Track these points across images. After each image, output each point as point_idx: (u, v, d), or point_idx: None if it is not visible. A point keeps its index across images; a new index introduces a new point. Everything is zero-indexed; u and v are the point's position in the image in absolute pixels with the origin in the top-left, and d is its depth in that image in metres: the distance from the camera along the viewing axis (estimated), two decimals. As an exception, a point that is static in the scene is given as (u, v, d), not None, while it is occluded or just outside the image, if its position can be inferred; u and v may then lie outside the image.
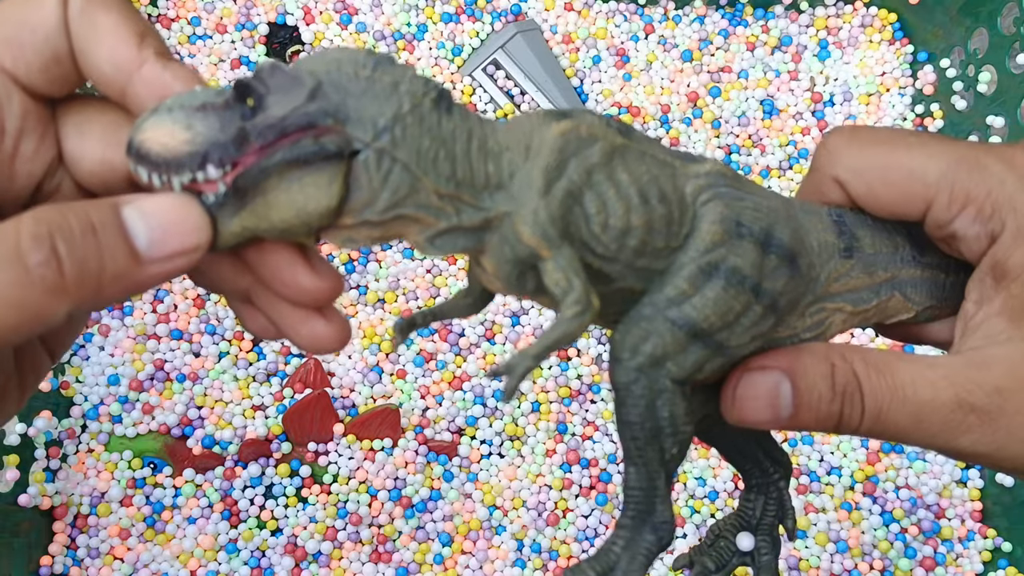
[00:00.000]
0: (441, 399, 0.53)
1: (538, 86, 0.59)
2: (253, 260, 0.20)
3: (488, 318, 0.54)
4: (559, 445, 0.52)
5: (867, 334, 0.55)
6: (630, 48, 0.62)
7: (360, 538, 0.50)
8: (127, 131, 0.18)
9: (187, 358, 0.52)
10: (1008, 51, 0.53)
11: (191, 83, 0.19)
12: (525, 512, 0.51)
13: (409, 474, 0.51)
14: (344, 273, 0.54)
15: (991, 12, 0.55)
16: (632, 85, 0.61)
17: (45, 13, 0.19)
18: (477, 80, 0.59)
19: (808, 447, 0.53)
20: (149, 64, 0.19)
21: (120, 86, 0.19)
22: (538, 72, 0.59)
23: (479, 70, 0.59)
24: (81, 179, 0.20)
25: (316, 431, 0.51)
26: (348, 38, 0.60)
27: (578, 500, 0.51)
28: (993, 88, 0.55)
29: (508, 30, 0.59)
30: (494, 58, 0.59)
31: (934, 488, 0.52)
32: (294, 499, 0.50)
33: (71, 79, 0.20)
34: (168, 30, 0.60)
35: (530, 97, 0.59)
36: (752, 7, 0.63)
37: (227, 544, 0.49)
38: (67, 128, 0.20)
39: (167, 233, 0.18)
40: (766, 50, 0.62)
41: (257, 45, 0.60)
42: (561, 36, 0.61)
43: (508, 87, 0.59)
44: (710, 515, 0.52)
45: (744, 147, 0.60)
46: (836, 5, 0.63)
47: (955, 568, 0.51)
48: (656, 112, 0.60)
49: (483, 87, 0.59)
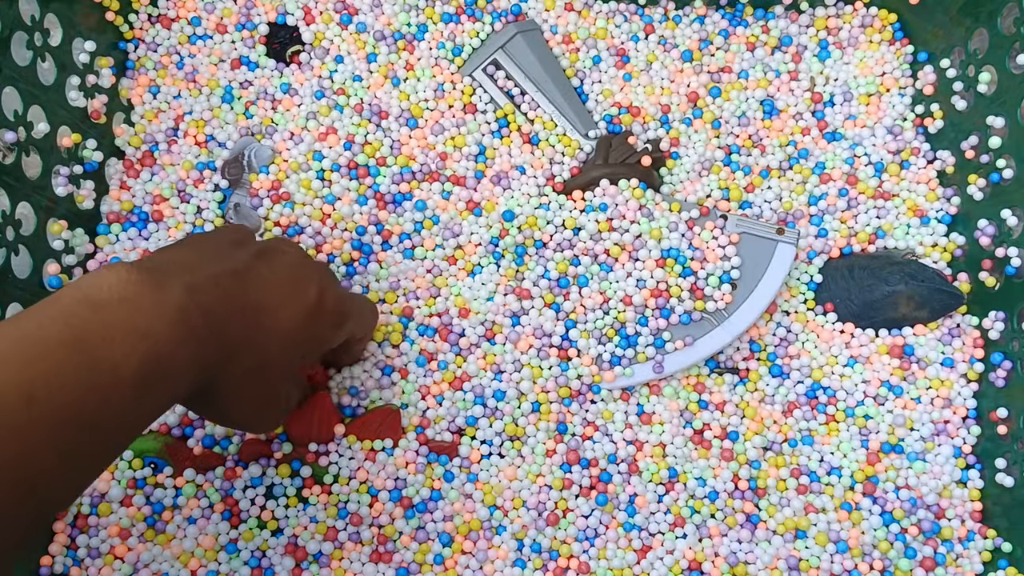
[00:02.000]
0: (441, 399, 0.53)
1: (538, 86, 0.59)
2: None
3: (488, 318, 0.54)
4: (559, 445, 0.52)
5: (867, 334, 0.55)
6: (630, 48, 0.62)
7: (360, 538, 0.50)
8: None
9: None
10: (1008, 51, 0.53)
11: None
12: (525, 512, 0.51)
13: (409, 474, 0.51)
14: (346, 274, 0.54)
15: (991, 12, 0.55)
16: (632, 85, 0.61)
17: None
18: (477, 80, 0.59)
19: (808, 447, 0.53)
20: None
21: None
22: (538, 72, 0.59)
23: (479, 70, 0.59)
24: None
25: (317, 431, 0.51)
26: (348, 38, 0.60)
27: (578, 500, 0.51)
28: (993, 88, 0.55)
29: (508, 30, 0.59)
30: (494, 58, 0.59)
31: (934, 488, 0.52)
32: (295, 499, 0.50)
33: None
34: (168, 30, 0.60)
35: (530, 97, 0.59)
36: (752, 7, 0.63)
37: (227, 544, 0.49)
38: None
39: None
40: (766, 50, 0.62)
41: (257, 45, 0.60)
42: (561, 36, 0.61)
43: (508, 87, 0.59)
44: (710, 515, 0.52)
45: (744, 147, 0.60)
46: (836, 5, 0.63)
47: (955, 568, 0.51)
48: (656, 112, 0.60)
49: (483, 87, 0.59)
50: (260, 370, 0.39)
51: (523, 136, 0.58)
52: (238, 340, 0.38)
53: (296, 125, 0.58)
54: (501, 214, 0.55)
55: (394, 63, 0.59)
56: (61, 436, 0.30)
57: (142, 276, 0.34)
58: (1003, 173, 0.54)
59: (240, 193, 0.55)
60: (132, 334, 0.32)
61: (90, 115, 0.55)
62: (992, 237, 0.54)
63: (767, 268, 0.53)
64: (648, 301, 0.53)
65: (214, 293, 0.36)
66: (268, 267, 0.40)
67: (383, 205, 0.56)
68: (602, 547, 0.50)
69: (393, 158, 0.57)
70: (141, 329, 0.33)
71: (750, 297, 0.53)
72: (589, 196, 0.56)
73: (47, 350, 0.30)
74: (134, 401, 0.32)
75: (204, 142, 0.57)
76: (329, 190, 0.56)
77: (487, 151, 0.58)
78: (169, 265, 0.37)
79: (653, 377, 0.52)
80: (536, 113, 0.59)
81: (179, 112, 0.58)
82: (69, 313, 0.32)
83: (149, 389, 0.33)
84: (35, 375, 0.30)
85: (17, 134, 0.48)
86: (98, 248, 0.55)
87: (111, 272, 0.34)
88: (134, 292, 0.33)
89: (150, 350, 0.32)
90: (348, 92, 0.59)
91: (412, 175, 0.57)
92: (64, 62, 0.53)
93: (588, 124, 0.58)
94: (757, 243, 0.54)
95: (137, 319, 0.33)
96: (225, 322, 0.37)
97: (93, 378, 0.31)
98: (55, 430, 0.30)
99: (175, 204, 0.56)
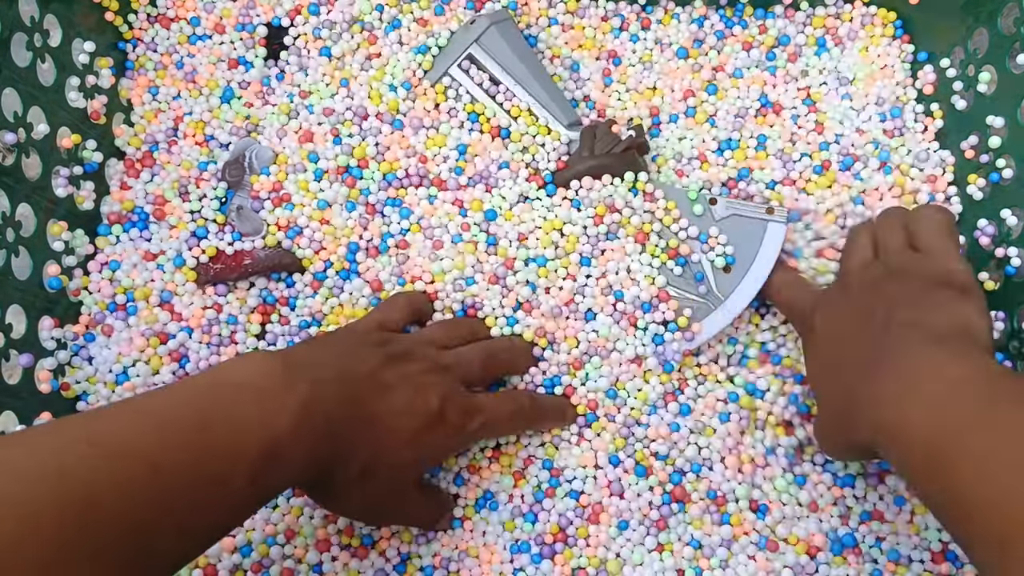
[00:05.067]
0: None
1: (516, 79, 0.56)
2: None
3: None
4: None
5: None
6: (626, 45, 0.62)
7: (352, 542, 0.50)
8: None
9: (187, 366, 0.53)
10: (1008, 51, 0.53)
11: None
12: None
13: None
14: (339, 280, 0.54)
15: (991, 12, 0.55)
16: (627, 83, 0.61)
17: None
18: (454, 78, 0.57)
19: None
20: None
21: None
22: (515, 64, 0.56)
23: (455, 67, 0.57)
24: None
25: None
26: (324, 36, 0.60)
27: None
28: (993, 88, 0.55)
29: (481, 23, 0.56)
30: (469, 53, 0.57)
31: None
32: (294, 500, 0.50)
33: None
34: (167, 30, 0.60)
35: (505, 87, 0.56)
36: (752, 7, 0.63)
37: (226, 544, 0.49)
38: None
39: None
40: (763, 49, 0.62)
41: (257, 46, 0.60)
42: (552, 32, 0.61)
43: (482, 80, 0.57)
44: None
45: (741, 144, 0.59)
46: (836, 4, 0.63)
47: (956, 569, 0.51)
48: (649, 110, 0.60)
49: (460, 83, 0.57)
50: (373, 472, 0.41)
51: (493, 132, 0.56)
52: (354, 442, 0.39)
53: (288, 126, 0.57)
54: (484, 214, 0.54)
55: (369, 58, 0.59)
56: (178, 510, 0.32)
57: (277, 367, 0.36)
58: (1003, 173, 0.54)
59: (241, 195, 0.55)
60: (256, 423, 0.34)
61: (90, 116, 0.55)
62: (992, 237, 0.54)
63: (759, 248, 0.53)
64: (641, 293, 0.52)
65: (337, 396, 0.39)
66: (394, 373, 0.43)
67: (372, 211, 0.55)
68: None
69: (376, 163, 0.56)
70: (266, 420, 0.35)
71: (744, 278, 0.53)
72: (576, 186, 0.54)
73: (177, 428, 0.32)
74: (248, 487, 0.34)
75: (204, 142, 0.57)
76: (323, 195, 0.55)
77: (468, 149, 0.56)
78: (302, 361, 0.39)
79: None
80: (513, 103, 0.56)
81: (179, 112, 0.58)
82: (202, 392, 0.35)
83: (264, 477, 0.34)
84: (163, 448, 0.31)
85: (17, 135, 0.48)
86: (98, 249, 0.55)
87: (252, 359, 0.37)
88: (267, 383, 0.36)
89: (271, 440, 0.34)
90: (319, 92, 0.58)
91: (399, 181, 0.56)
92: (64, 63, 0.53)
93: (569, 114, 0.57)
94: (748, 224, 0.54)
95: (264, 408, 0.35)
96: (342, 424, 0.39)
97: (214, 463, 0.33)
98: (174, 503, 0.31)
99: (177, 203, 0.55)
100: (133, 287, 0.53)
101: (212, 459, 0.33)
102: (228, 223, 0.55)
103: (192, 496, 0.32)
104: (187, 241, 0.55)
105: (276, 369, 0.37)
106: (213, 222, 0.55)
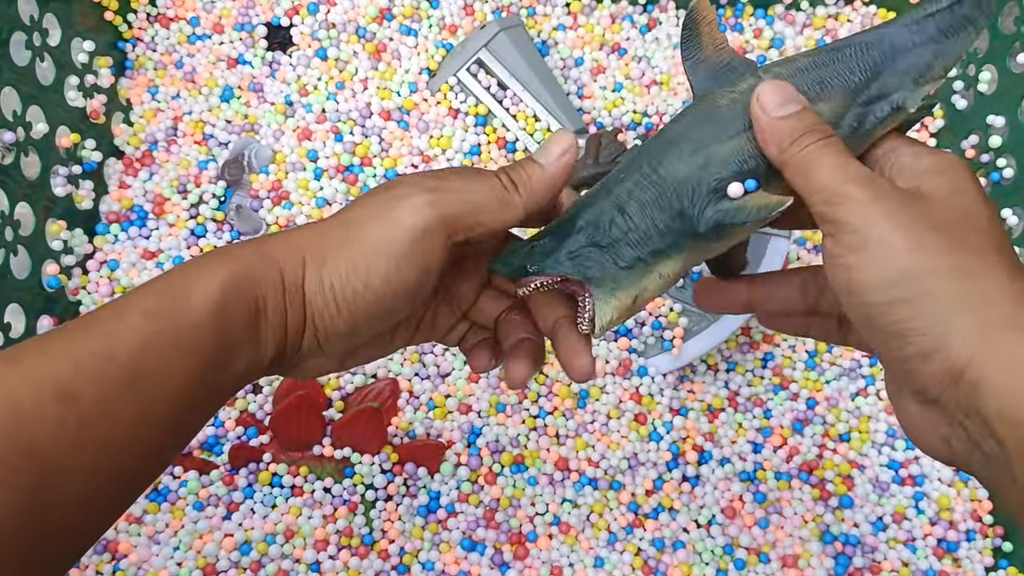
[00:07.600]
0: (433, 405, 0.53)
1: (524, 84, 0.57)
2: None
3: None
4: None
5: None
6: (625, 44, 0.62)
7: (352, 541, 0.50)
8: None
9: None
10: (1008, 51, 0.53)
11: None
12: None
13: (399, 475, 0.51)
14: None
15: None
16: (627, 82, 0.61)
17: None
18: (462, 81, 0.57)
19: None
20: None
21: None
22: (523, 70, 0.57)
23: (463, 70, 0.57)
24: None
25: (302, 433, 0.50)
26: (329, 36, 0.60)
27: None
28: (993, 88, 0.55)
29: (491, 27, 0.57)
30: (478, 57, 0.57)
31: (936, 488, 0.52)
32: (294, 500, 0.50)
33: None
34: (167, 29, 0.60)
35: (512, 93, 0.57)
36: (753, 7, 0.63)
37: (226, 544, 0.49)
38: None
39: (552, 144, 0.31)
40: (763, 49, 0.62)
41: (256, 46, 0.60)
42: (556, 33, 0.61)
43: (490, 84, 0.57)
44: (710, 516, 0.52)
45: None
46: (836, 4, 0.63)
47: (956, 568, 0.51)
48: (650, 108, 0.60)
49: (468, 87, 0.58)
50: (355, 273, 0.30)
51: (499, 143, 0.57)
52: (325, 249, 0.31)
53: (288, 124, 0.57)
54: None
55: (380, 58, 0.59)
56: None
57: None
58: (1003, 172, 0.54)
59: (241, 194, 0.55)
60: (213, 263, 0.29)
61: (89, 115, 0.55)
62: (992, 237, 0.54)
63: (761, 262, 0.53)
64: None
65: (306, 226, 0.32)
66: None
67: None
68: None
69: (380, 160, 0.56)
70: (223, 259, 0.29)
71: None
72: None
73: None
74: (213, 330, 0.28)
75: (203, 141, 0.57)
76: (322, 193, 0.55)
77: (481, 153, 0.57)
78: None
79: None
80: (520, 109, 0.57)
81: (178, 112, 0.58)
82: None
83: (228, 311, 0.28)
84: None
85: (16, 134, 0.48)
86: (97, 248, 0.55)
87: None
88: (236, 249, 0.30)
89: (228, 271, 0.28)
90: (321, 92, 0.58)
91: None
92: (63, 62, 0.53)
93: (575, 120, 0.57)
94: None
95: (221, 253, 0.29)
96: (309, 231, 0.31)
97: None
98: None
99: (176, 201, 0.55)
100: (132, 286, 0.53)
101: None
102: (227, 222, 0.55)
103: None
104: (186, 240, 0.54)
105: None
106: (212, 221, 0.55)
